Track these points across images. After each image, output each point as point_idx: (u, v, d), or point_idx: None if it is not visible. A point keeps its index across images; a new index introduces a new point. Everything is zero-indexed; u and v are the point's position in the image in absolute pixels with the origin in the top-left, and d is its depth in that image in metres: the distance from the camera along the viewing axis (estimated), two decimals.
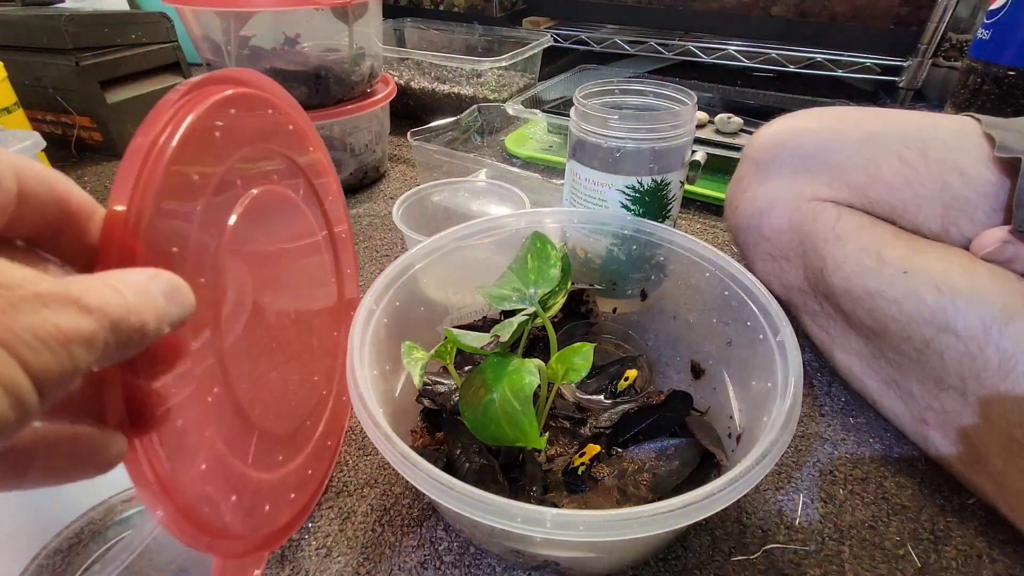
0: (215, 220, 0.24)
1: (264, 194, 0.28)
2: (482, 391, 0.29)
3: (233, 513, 0.24)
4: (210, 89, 0.24)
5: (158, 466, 0.19)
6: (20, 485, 0.16)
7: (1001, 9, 0.60)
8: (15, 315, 0.12)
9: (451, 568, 0.31)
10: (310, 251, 0.34)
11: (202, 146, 0.22)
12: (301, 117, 0.32)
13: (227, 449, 0.24)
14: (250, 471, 0.26)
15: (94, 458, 0.17)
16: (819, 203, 0.41)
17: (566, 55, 1.16)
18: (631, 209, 0.40)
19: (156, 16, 0.81)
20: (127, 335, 0.15)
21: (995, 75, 0.62)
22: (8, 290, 0.12)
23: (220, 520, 0.23)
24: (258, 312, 0.28)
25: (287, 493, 0.29)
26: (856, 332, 0.39)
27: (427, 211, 0.54)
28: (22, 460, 0.16)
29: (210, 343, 0.23)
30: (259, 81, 0.28)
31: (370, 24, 0.67)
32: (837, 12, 0.96)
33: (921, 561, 0.32)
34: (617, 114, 0.37)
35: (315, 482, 0.33)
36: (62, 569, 0.31)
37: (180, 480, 0.20)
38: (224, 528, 0.23)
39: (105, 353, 0.14)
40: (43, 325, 0.13)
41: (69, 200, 0.18)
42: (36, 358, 0.12)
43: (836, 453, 0.38)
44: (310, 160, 0.33)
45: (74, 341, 0.13)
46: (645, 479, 0.32)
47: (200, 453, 0.22)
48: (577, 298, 0.43)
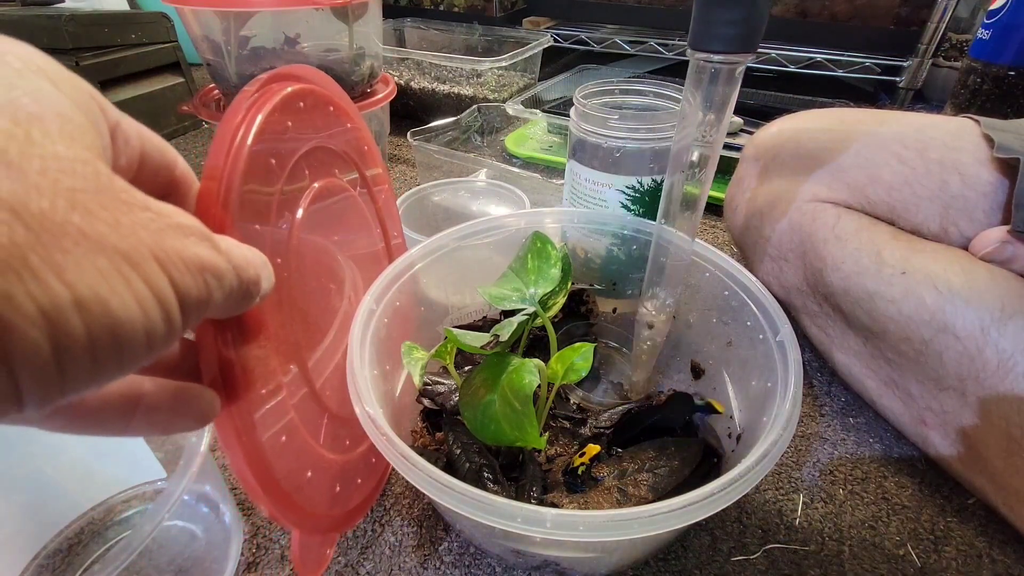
0: (289, 205, 0.25)
1: (327, 187, 0.29)
2: (482, 391, 0.29)
3: (309, 489, 0.24)
4: (282, 84, 0.25)
5: (244, 432, 0.20)
6: (126, 431, 0.17)
7: (1001, 9, 0.60)
8: (164, 238, 0.13)
9: (451, 568, 0.31)
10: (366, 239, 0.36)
11: (276, 133, 0.24)
12: (357, 118, 0.34)
13: (303, 425, 0.25)
14: (323, 451, 0.27)
15: (191, 410, 0.19)
16: (819, 204, 0.41)
17: (566, 55, 1.16)
18: (631, 209, 0.40)
19: (156, 16, 0.81)
20: (245, 286, 0.16)
21: (995, 75, 0.62)
22: (158, 216, 0.13)
23: (299, 494, 0.23)
24: (323, 297, 0.29)
25: (355, 477, 0.30)
26: (855, 332, 0.39)
27: (427, 211, 0.54)
28: (130, 406, 0.17)
29: (285, 323, 0.24)
30: (322, 80, 0.30)
31: (370, 24, 0.67)
32: (837, 12, 0.96)
33: (921, 561, 0.32)
34: (617, 114, 0.37)
35: (379, 470, 0.33)
36: (62, 569, 0.31)
37: (263, 447, 0.21)
38: (302, 503, 0.24)
39: (227, 297, 0.15)
40: (186, 251, 0.14)
41: (175, 168, 0.19)
42: (181, 279, 0.13)
43: (836, 453, 0.38)
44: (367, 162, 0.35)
45: (209, 272, 0.14)
46: (645, 479, 0.32)
47: (280, 423, 0.23)
48: (577, 298, 0.43)
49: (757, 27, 0.24)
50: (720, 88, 0.26)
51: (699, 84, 0.26)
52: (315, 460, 0.26)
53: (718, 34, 0.24)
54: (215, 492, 0.33)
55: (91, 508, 0.34)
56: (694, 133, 0.28)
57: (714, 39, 0.24)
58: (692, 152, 0.28)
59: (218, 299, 0.15)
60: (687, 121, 0.28)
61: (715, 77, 0.26)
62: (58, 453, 0.32)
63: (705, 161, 0.28)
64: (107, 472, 0.34)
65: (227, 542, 0.32)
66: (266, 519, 0.34)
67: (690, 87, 0.27)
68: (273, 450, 0.22)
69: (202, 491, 0.34)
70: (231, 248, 0.16)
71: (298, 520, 0.23)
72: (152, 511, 0.23)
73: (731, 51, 0.24)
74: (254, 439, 0.21)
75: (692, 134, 0.28)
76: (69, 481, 0.33)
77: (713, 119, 0.27)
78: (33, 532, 0.32)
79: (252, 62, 0.62)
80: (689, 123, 0.28)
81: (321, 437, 0.27)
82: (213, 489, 0.33)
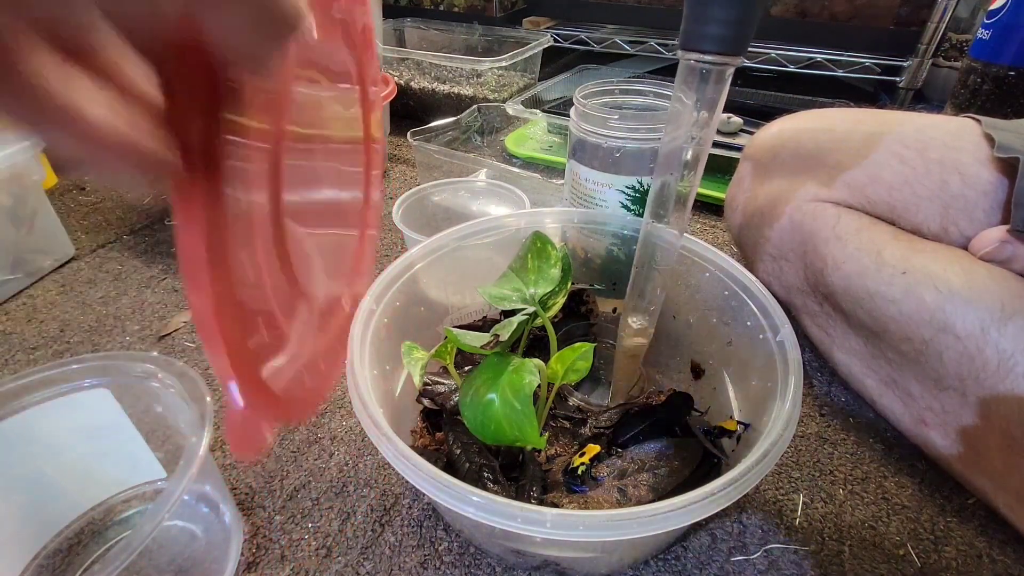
0: (303, 41, 0.22)
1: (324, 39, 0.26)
2: (482, 391, 0.29)
3: (266, 348, 0.21)
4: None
5: (213, 226, 0.17)
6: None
7: (1001, 9, 0.60)
8: None
9: (451, 568, 0.31)
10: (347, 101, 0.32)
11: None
12: None
13: (278, 262, 0.22)
14: (284, 320, 0.24)
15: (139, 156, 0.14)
16: (819, 203, 0.41)
17: (566, 55, 1.16)
18: (631, 209, 0.40)
19: None
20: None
21: (995, 75, 0.62)
22: None
23: (248, 345, 0.20)
24: (304, 158, 0.26)
25: (318, 362, 0.27)
26: (856, 332, 0.39)
27: (427, 211, 0.54)
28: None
29: (270, 155, 0.22)
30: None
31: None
32: (837, 12, 0.96)
33: (921, 561, 0.32)
34: (617, 114, 0.37)
35: (338, 367, 0.30)
36: (62, 569, 0.31)
37: (230, 265, 0.18)
38: (255, 358, 0.20)
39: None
40: None
41: None
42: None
43: (836, 453, 0.38)
44: None
45: None
46: (645, 479, 0.32)
47: (253, 251, 0.20)
48: (577, 298, 0.43)
49: (748, 28, 0.24)
50: (710, 88, 0.26)
51: (689, 84, 0.26)
52: (280, 312, 0.22)
53: (709, 34, 0.24)
54: (215, 492, 0.33)
55: (91, 508, 0.34)
56: (685, 134, 0.28)
57: (704, 39, 0.24)
58: (684, 152, 0.28)
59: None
60: (678, 121, 0.28)
61: (705, 77, 0.26)
62: (58, 453, 0.32)
63: (695, 162, 0.28)
64: (107, 472, 0.34)
65: (227, 542, 0.32)
66: (268, 519, 0.34)
67: (680, 87, 0.27)
68: (239, 271, 0.18)
69: (202, 491, 0.34)
70: None
71: (247, 379, 0.19)
72: (152, 511, 0.23)
73: (722, 52, 0.24)
74: (223, 240, 0.17)
75: (683, 135, 0.28)
76: (69, 481, 0.33)
77: (703, 119, 0.27)
78: (33, 532, 0.32)
79: None
80: (680, 123, 0.28)
81: (286, 300, 0.23)
82: (213, 489, 0.33)
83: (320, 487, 0.36)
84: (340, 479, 0.36)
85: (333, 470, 0.37)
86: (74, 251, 0.59)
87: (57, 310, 0.51)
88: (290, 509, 0.34)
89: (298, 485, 0.36)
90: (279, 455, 0.38)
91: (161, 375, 0.30)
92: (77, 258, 0.58)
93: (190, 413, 0.28)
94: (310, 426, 0.40)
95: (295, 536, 0.33)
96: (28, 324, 0.49)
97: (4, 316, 0.50)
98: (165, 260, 0.58)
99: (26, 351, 0.46)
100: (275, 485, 0.36)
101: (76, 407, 0.31)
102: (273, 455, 0.38)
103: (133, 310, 0.51)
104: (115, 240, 0.61)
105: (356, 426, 0.40)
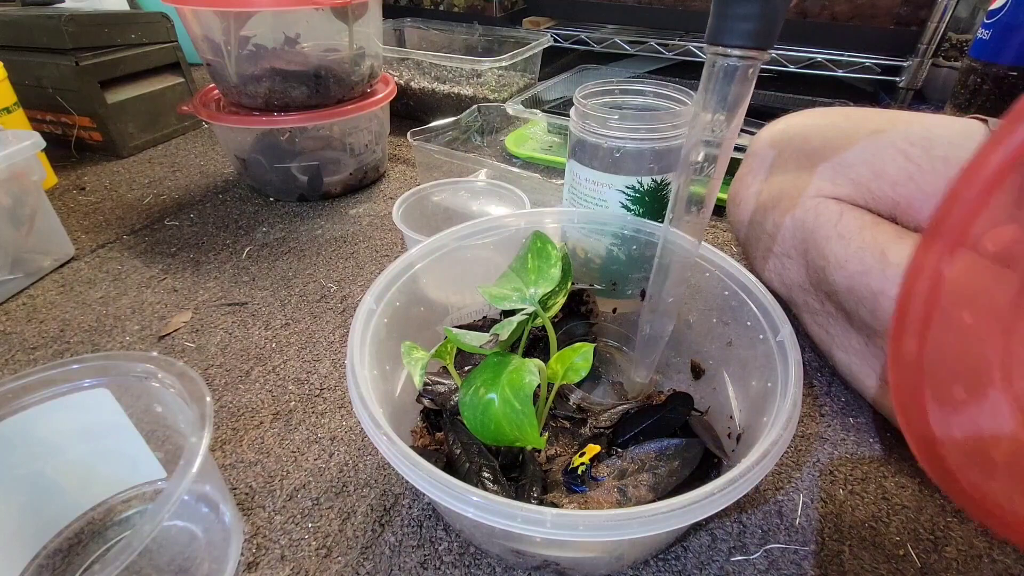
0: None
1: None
2: (482, 391, 0.29)
3: None
4: None
5: None
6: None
7: (1001, 9, 0.60)
8: None
9: (451, 568, 0.31)
10: None
11: None
12: None
13: None
14: None
15: None
16: (822, 200, 0.41)
17: (566, 55, 1.16)
18: (631, 209, 0.40)
19: (156, 16, 0.81)
20: None
21: (995, 75, 0.62)
22: None
23: None
24: None
25: None
26: (856, 331, 0.39)
27: (427, 211, 0.54)
28: None
29: None
30: None
31: (370, 24, 0.67)
32: (837, 12, 0.96)
33: (921, 561, 0.32)
34: (617, 114, 0.37)
35: None
36: (62, 569, 0.31)
37: None
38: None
39: None
40: None
41: None
42: None
43: (836, 453, 0.38)
44: None
45: None
46: (645, 479, 0.32)
47: None
48: (577, 298, 0.43)
49: (774, 23, 0.24)
50: (735, 86, 0.26)
51: (714, 81, 0.26)
52: None
53: (735, 29, 0.24)
54: (215, 492, 0.33)
55: (91, 508, 0.34)
56: (707, 131, 0.28)
57: (731, 33, 0.24)
58: (703, 150, 0.28)
59: None
60: (701, 119, 0.28)
61: (730, 74, 0.26)
62: (58, 453, 0.32)
63: (715, 159, 0.28)
64: (107, 472, 0.34)
65: (227, 542, 0.32)
66: (268, 520, 0.34)
67: (705, 84, 0.27)
68: None
69: (202, 491, 0.34)
70: None
71: None
72: (152, 511, 0.23)
73: (748, 46, 0.24)
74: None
75: (705, 133, 0.28)
76: (69, 481, 0.33)
77: (725, 118, 0.27)
78: (33, 532, 0.32)
79: (252, 62, 0.62)
80: (703, 121, 0.28)
81: None
82: (213, 489, 0.33)
83: (320, 487, 0.36)
84: (340, 479, 0.36)
85: (333, 470, 0.37)
86: (74, 251, 0.59)
87: (57, 310, 0.51)
88: (290, 509, 0.34)
89: (298, 485, 0.36)
90: (279, 455, 0.38)
91: (161, 375, 0.30)
92: (77, 258, 0.58)
93: (190, 413, 0.28)
94: (310, 426, 0.40)
95: (295, 536, 0.33)
96: (28, 324, 0.49)
97: (4, 316, 0.50)
98: (165, 260, 0.58)
99: (26, 351, 0.46)
100: (275, 485, 0.36)
101: (76, 407, 0.31)
102: (273, 455, 0.38)
103: (133, 310, 0.51)
104: (115, 240, 0.62)
105: (356, 426, 0.40)
